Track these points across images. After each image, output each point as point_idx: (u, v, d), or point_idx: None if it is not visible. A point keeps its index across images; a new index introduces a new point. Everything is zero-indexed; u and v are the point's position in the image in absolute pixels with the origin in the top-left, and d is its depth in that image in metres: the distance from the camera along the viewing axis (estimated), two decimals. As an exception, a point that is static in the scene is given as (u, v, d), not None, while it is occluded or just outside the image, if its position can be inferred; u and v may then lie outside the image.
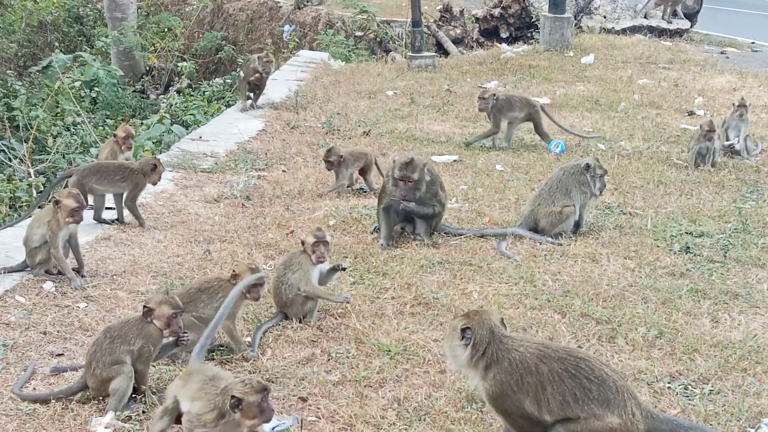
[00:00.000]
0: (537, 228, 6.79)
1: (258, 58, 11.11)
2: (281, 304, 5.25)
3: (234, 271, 4.83)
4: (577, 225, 6.88)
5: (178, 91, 16.21)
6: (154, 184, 6.95)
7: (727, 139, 9.32)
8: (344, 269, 5.50)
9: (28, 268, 5.72)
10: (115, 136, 7.72)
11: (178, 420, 3.80)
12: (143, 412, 4.18)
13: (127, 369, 4.20)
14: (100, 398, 4.27)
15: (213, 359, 4.70)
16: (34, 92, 16.06)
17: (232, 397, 3.51)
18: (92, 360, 4.23)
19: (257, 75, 10.95)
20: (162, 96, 17.66)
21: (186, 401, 3.68)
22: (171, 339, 4.37)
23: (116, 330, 4.29)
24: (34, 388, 4.36)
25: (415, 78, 13.68)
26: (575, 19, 17.17)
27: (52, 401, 4.22)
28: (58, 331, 4.95)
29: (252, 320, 5.25)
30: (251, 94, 11.13)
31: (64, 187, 6.53)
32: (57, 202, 5.63)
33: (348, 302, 5.33)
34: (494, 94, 9.46)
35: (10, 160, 11.72)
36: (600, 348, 4.93)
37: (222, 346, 4.84)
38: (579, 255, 6.33)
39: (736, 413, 4.28)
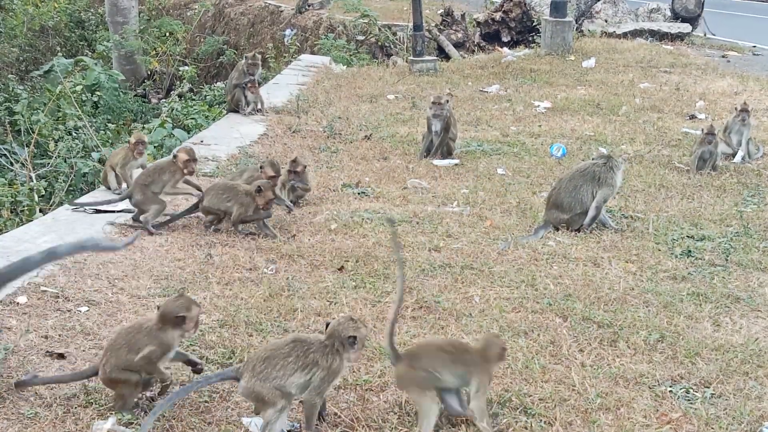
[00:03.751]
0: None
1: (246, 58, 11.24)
2: None
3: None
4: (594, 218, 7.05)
5: (180, 96, 16.23)
6: (263, 208, 6.79)
7: (728, 145, 9.34)
8: None
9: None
10: (129, 142, 7.79)
11: None
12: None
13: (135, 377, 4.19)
14: (102, 402, 4.27)
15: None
16: (36, 96, 16.08)
17: (349, 337, 4.00)
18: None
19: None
20: (163, 100, 17.68)
21: None
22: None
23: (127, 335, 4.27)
24: (36, 392, 4.36)
25: (416, 82, 13.69)
26: (576, 23, 17.20)
27: (54, 406, 4.23)
28: (59, 335, 4.95)
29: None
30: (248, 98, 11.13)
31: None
32: (174, 156, 6.96)
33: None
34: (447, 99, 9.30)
35: (11, 164, 11.73)
36: (601, 352, 4.93)
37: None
38: (580, 259, 6.33)
39: (738, 417, 4.28)
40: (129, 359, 4.14)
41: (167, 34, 21.92)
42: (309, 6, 21.20)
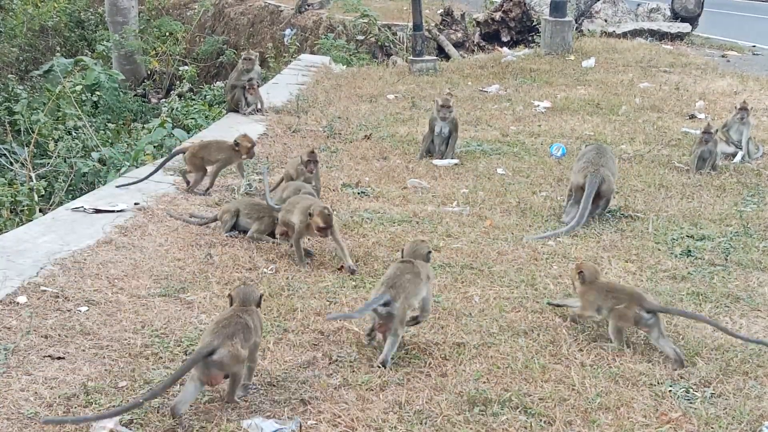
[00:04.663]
0: (600, 189, 7.19)
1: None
2: None
3: None
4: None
5: (180, 95, 16.22)
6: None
7: (729, 142, 9.35)
8: None
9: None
10: (237, 144, 7.79)
11: None
12: (145, 414, 4.18)
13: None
14: (98, 403, 4.26)
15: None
16: (36, 96, 16.09)
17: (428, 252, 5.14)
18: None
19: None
20: (163, 100, 17.68)
21: None
22: None
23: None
24: (36, 392, 4.36)
25: (416, 82, 13.69)
26: (576, 22, 17.20)
27: (54, 406, 4.23)
28: (59, 335, 4.95)
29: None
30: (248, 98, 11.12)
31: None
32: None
33: None
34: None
35: (11, 164, 11.72)
36: (601, 352, 4.93)
37: None
38: (580, 258, 6.33)
39: (738, 416, 4.29)
40: None
41: (167, 34, 21.93)
42: (309, 6, 21.19)
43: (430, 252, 5.15)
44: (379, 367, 4.65)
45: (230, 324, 4.22)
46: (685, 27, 18.15)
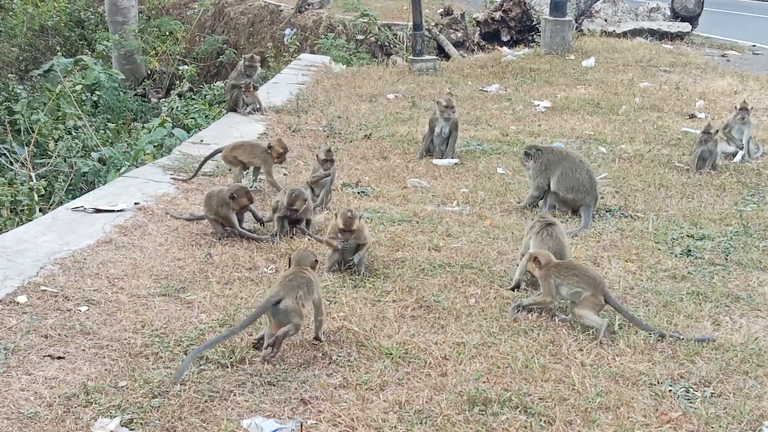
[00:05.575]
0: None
1: (244, 58, 11.25)
2: None
3: None
4: None
5: (180, 95, 16.23)
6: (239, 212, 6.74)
7: (731, 142, 9.36)
8: None
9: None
10: (270, 148, 7.77)
11: None
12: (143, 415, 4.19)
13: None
14: (98, 402, 4.27)
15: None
16: (36, 96, 16.09)
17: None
18: None
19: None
20: (163, 99, 17.69)
21: None
22: None
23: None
24: (36, 392, 4.36)
25: (416, 81, 13.69)
26: (576, 22, 17.20)
27: (54, 405, 4.23)
28: (59, 335, 4.95)
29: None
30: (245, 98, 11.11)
31: None
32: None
33: None
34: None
35: (11, 163, 11.73)
36: (601, 351, 4.93)
37: None
38: (580, 258, 6.33)
39: (738, 416, 4.29)
40: None
41: (167, 33, 21.94)
42: (309, 5, 21.20)
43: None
44: None
45: (295, 278, 4.81)
46: (685, 26, 18.15)
